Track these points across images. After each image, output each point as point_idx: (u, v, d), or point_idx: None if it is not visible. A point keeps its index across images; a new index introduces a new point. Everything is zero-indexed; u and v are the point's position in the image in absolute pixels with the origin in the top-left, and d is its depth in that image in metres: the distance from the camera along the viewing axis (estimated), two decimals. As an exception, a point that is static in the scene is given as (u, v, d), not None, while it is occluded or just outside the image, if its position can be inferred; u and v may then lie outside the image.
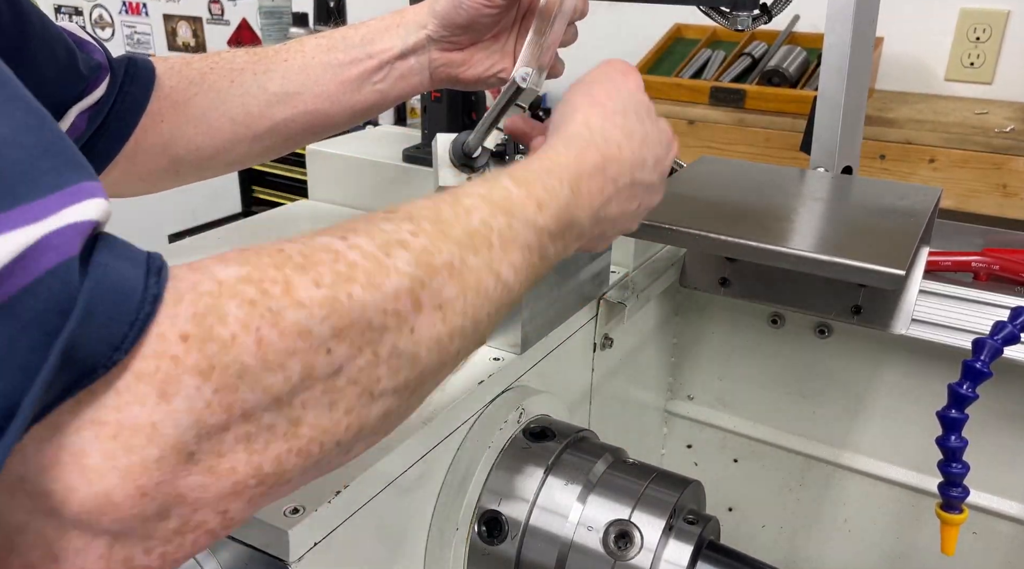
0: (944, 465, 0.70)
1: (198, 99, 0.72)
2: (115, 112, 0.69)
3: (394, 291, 0.37)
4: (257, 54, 0.75)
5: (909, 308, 0.78)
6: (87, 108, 0.66)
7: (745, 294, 0.86)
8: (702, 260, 0.87)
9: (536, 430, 0.67)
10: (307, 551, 0.50)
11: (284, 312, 0.33)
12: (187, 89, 0.72)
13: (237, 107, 0.73)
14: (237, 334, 0.31)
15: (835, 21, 0.83)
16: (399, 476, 0.58)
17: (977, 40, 1.73)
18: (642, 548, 0.59)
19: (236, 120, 0.73)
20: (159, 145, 0.71)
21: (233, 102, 0.73)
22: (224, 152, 0.74)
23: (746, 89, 1.65)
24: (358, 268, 0.36)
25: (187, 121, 0.72)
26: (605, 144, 0.52)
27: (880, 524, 0.94)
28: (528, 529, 0.62)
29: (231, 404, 0.31)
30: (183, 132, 0.72)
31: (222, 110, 0.73)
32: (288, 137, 0.76)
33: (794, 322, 0.92)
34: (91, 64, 0.66)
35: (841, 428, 0.94)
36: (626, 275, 0.84)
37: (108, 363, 0.29)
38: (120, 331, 0.29)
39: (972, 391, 0.67)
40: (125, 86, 0.69)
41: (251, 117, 0.73)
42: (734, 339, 0.97)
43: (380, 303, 0.36)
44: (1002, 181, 1.47)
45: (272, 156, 0.78)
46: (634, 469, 0.66)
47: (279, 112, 0.73)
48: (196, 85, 0.72)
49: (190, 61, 0.74)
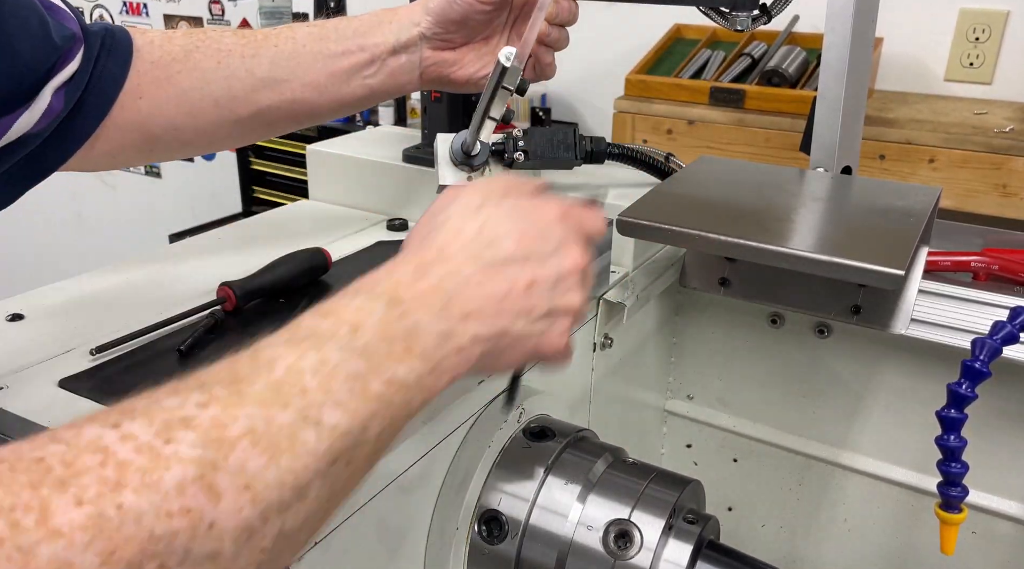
0: (943, 465, 0.70)
1: (181, 78, 0.70)
2: (92, 88, 0.65)
3: (176, 485, 0.31)
4: (246, 36, 0.73)
5: (908, 308, 0.78)
6: (62, 84, 0.62)
7: (745, 294, 0.86)
8: (702, 260, 0.87)
9: (536, 430, 0.67)
10: (307, 551, 0.51)
11: (38, 548, 0.27)
12: (169, 66, 0.69)
13: (222, 90, 0.71)
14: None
15: (835, 21, 0.83)
16: (399, 476, 0.58)
17: (977, 40, 1.74)
18: (642, 548, 0.59)
19: (220, 103, 0.71)
20: (135, 122, 0.69)
21: (218, 84, 0.70)
22: (203, 134, 0.72)
23: (746, 89, 1.65)
24: (129, 468, 0.30)
25: (167, 99, 0.69)
26: (417, 255, 0.46)
27: (879, 523, 0.94)
28: (528, 529, 0.62)
29: None
30: (162, 111, 0.69)
31: (206, 91, 0.70)
32: (271, 123, 0.74)
33: (794, 322, 0.92)
34: (64, 34, 0.61)
35: (841, 428, 0.94)
36: (626, 275, 0.84)
37: None
38: None
39: (971, 391, 0.67)
40: (101, 59, 0.66)
41: (235, 101, 0.71)
42: (734, 339, 0.97)
43: (160, 505, 0.30)
44: (1001, 181, 1.47)
45: (252, 141, 0.76)
46: (634, 469, 0.66)
47: (265, 98, 0.72)
48: (179, 62, 0.70)
49: (172, 36, 0.71)
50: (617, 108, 1.73)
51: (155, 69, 0.69)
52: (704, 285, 0.88)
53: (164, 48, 0.70)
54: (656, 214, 0.74)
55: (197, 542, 0.31)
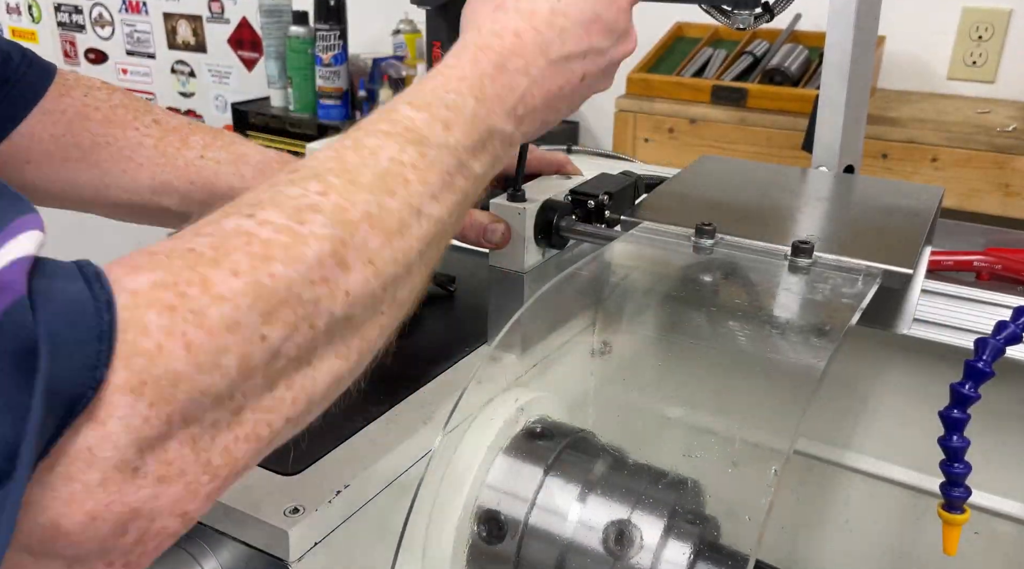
0: (946, 465, 0.70)
1: (78, 166, 0.64)
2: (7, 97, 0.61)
3: (316, 258, 0.35)
4: (164, 148, 0.66)
5: (911, 308, 0.78)
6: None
7: (746, 293, 0.85)
8: (703, 259, 0.87)
9: (536, 430, 0.67)
10: (307, 551, 0.50)
11: (207, 311, 0.31)
12: (66, 150, 0.64)
13: (117, 190, 0.66)
14: (163, 343, 0.30)
15: (837, 20, 0.83)
16: (399, 476, 0.58)
17: (979, 39, 1.73)
18: (642, 548, 0.59)
19: (109, 197, 0.66)
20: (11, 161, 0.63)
21: (116, 188, 0.65)
22: (87, 207, 0.67)
23: (748, 88, 1.65)
24: (274, 245, 0.34)
25: (55, 180, 0.64)
26: (498, 39, 0.48)
27: (881, 524, 0.94)
28: (528, 529, 0.62)
29: (170, 414, 0.30)
30: (47, 185, 0.64)
31: (102, 184, 0.65)
32: (168, 217, 0.69)
33: (795, 322, 0.92)
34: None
35: (842, 428, 0.94)
36: (625, 277, 0.84)
37: (93, 383, 0.28)
38: (91, 349, 0.28)
39: (974, 391, 0.67)
40: (22, 69, 0.61)
41: (132, 199, 0.66)
42: (735, 339, 0.97)
43: (306, 275, 0.35)
44: (1004, 180, 1.47)
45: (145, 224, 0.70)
46: (634, 469, 0.66)
47: (166, 200, 0.66)
48: (80, 151, 0.64)
49: (89, 114, 0.64)
50: (618, 107, 1.73)
51: (53, 142, 0.63)
52: (705, 284, 0.87)
53: (72, 126, 0.64)
54: (657, 214, 0.73)
55: (337, 307, 0.36)
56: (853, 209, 0.81)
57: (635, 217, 0.72)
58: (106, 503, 0.29)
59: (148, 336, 0.29)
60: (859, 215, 0.78)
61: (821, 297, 0.63)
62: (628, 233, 0.71)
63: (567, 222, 0.72)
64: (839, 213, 0.79)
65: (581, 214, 0.73)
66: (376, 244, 0.38)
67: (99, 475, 0.28)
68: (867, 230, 0.73)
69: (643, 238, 0.70)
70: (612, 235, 0.71)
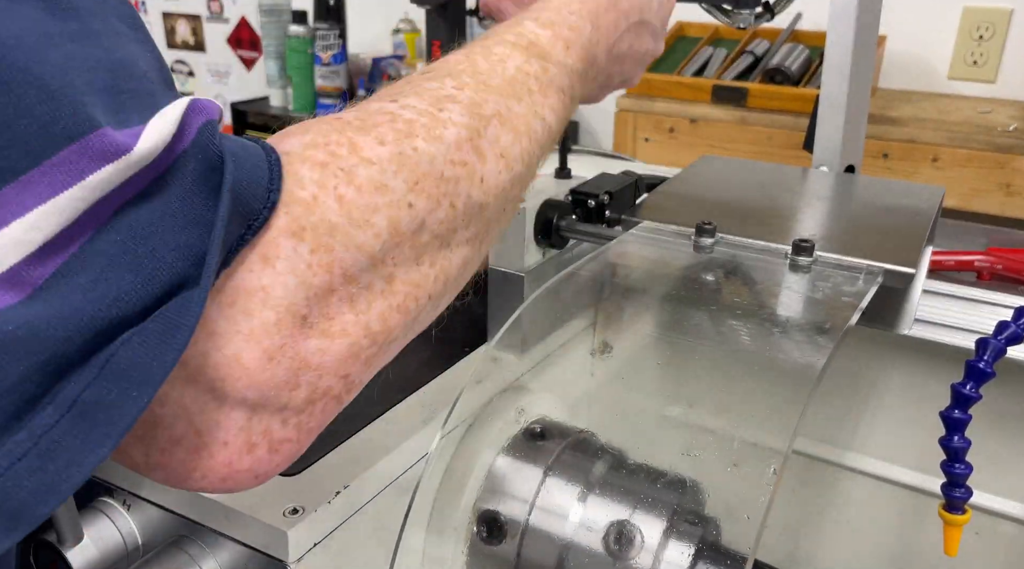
0: (947, 466, 0.70)
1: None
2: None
3: (455, 141, 0.37)
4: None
5: (912, 308, 0.78)
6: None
7: (747, 293, 0.85)
8: (704, 259, 0.87)
9: (536, 430, 0.67)
10: (307, 551, 0.50)
11: (356, 169, 0.33)
12: None
13: None
14: (317, 194, 0.32)
15: (838, 19, 0.83)
16: (399, 476, 0.58)
17: (980, 39, 1.73)
18: (643, 549, 0.59)
19: None
20: None
21: None
22: None
23: (748, 87, 1.65)
24: (416, 124, 0.36)
25: None
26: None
27: (882, 525, 0.94)
28: (528, 529, 0.62)
29: (330, 264, 0.31)
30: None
31: None
32: None
33: (796, 321, 0.92)
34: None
35: (843, 428, 0.93)
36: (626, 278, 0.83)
37: (268, 204, 0.30)
38: (264, 175, 0.30)
39: (975, 391, 0.67)
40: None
41: None
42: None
43: (446, 154, 0.36)
44: (1005, 180, 1.47)
45: None
46: (634, 470, 0.66)
47: None
48: None
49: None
50: (619, 106, 1.73)
51: None
52: (706, 284, 0.87)
53: None
54: (657, 214, 0.73)
55: (474, 190, 0.38)
56: (854, 209, 0.80)
57: (635, 217, 0.72)
58: (280, 344, 0.30)
59: (303, 188, 0.31)
60: (860, 215, 0.78)
61: (821, 296, 0.63)
62: (628, 233, 0.70)
63: (567, 222, 0.72)
64: (840, 213, 0.79)
65: (581, 214, 0.73)
66: (507, 141, 0.40)
67: (273, 315, 0.30)
68: (868, 230, 0.73)
69: (643, 238, 0.70)
70: (612, 235, 0.71)
